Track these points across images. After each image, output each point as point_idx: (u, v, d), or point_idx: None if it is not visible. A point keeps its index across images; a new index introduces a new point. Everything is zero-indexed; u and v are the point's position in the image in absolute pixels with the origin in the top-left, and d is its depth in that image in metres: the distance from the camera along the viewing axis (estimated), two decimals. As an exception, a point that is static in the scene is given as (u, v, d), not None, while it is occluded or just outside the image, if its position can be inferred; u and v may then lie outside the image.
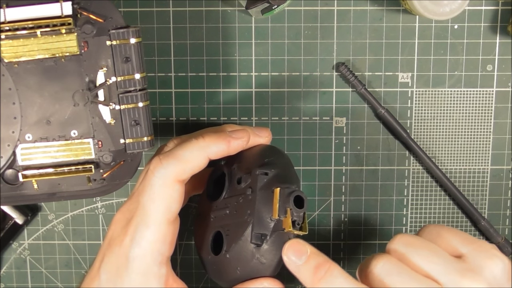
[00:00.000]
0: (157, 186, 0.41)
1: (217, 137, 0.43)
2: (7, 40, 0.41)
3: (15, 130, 0.43)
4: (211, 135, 0.43)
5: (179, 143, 0.45)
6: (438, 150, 0.54)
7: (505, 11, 0.52)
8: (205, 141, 0.42)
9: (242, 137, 0.44)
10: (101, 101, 0.43)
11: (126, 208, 0.43)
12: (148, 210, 0.41)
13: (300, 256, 0.40)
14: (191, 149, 0.42)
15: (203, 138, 0.42)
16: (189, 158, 0.42)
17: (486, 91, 0.53)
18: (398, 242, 0.40)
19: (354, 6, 0.52)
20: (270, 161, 0.44)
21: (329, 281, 0.39)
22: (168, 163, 0.41)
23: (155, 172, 0.41)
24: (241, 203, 0.43)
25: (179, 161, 0.41)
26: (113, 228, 0.43)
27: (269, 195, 0.42)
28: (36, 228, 0.55)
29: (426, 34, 0.52)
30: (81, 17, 0.42)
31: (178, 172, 0.41)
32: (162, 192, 0.41)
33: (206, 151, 0.42)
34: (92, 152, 0.44)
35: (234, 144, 0.43)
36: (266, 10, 0.47)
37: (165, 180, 0.41)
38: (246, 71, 0.53)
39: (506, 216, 0.55)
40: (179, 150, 0.42)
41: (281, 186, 0.41)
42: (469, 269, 0.38)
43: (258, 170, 0.43)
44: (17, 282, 0.56)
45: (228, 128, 0.46)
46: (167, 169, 0.41)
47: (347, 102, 0.53)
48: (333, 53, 0.52)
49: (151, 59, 0.52)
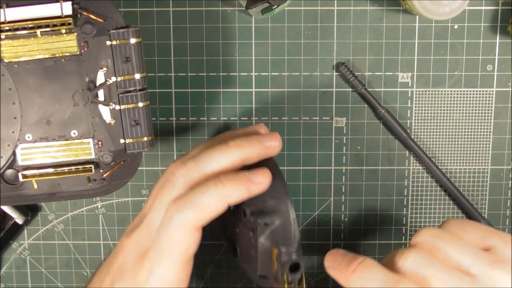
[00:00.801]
0: (175, 233, 0.41)
1: (238, 183, 0.41)
2: (7, 40, 0.41)
3: (15, 130, 0.43)
4: (231, 180, 0.41)
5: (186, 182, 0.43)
6: (438, 150, 0.54)
7: (505, 11, 0.52)
8: (225, 189, 0.41)
9: (264, 182, 0.42)
10: (101, 101, 0.43)
11: (137, 238, 0.42)
12: (166, 253, 0.41)
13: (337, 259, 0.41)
14: (210, 197, 0.40)
15: (223, 184, 0.41)
16: (208, 206, 0.41)
17: (486, 91, 0.53)
18: (425, 235, 0.40)
19: (354, 6, 0.52)
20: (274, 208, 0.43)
21: (362, 271, 0.39)
22: (185, 212, 0.40)
23: (173, 220, 0.41)
24: (246, 238, 0.44)
25: (198, 210, 0.40)
26: (125, 256, 0.43)
27: (268, 248, 0.43)
28: (36, 228, 0.55)
29: (426, 34, 0.52)
30: (81, 17, 0.42)
31: (196, 221, 0.41)
32: (181, 239, 0.41)
33: (225, 199, 0.41)
34: (92, 152, 0.44)
35: (255, 190, 0.42)
36: (266, 10, 0.47)
37: (183, 228, 0.41)
38: (246, 71, 0.53)
39: (506, 216, 0.55)
40: (197, 198, 0.41)
41: (278, 247, 0.42)
42: (499, 261, 0.38)
43: (259, 219, 0.43)
44: (17, 282, 0.56)
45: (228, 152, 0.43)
46: (185, 218, 0.40)
47: (347, 102, 0.53)
48: (333, 53, 0.52)
49: (151, 59, 0.52)
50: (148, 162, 0.54)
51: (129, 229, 0.44)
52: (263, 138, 0.44)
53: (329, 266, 0.42)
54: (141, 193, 0.55)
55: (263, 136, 0.44)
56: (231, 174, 0.42)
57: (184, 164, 0.43)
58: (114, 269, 0.43)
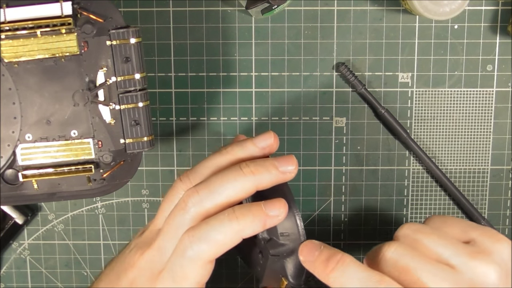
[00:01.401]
0: (189, 266, 0.40)
1: (253, 217, 0.40)
2: (7, 40, 0.41)
3: (15, 130, 0.43)
4: (246, 214, 0.40)
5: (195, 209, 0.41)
6: (438, 150, 0.54)
7: (505, 11, 0.52)
8: (239, 224, 0.39)
9: (280, 215, 0.40)
10: (101, 101, 0.43)
11: (150, 258, 0.42)
12: (180, 282, 0.40)
13: (313, 253, 0.40)
14: (225, 232, 0.39)
15: (237, 219, 0.39)
16: (222, 241, 0.40)
17: (486, 91, 0.53)
18: (407, 229, 0.40)
19: (354, 6, 0.52)
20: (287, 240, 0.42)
21: (340, 270, 0.39)
22: (199, 247, 0.40)
23: (187, 252, 0.40)
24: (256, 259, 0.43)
25: (212, 245, 0.40)
26: (136, 273, 0.42)
27: (277, 275, 0.42)
28: (36, 228, 0.55)
29: (426, 34, 0.52)
30: (81, 17, 0.42)
31: (211, 255, 0.40)
32: (194, 272, 0.40)
33: (240, 234, 0.40)
34: (92, 152, 0.44)
35: (270, 223, 0.40)
36: (266, 10, 0.47)
37: (197, 263, 0.40)
38: (246, 71, 0.53)
39: (506, 216, 0.55)
40: (210, 232, 0.39)
41: (287, 278, 0.41)
42: (479, 252, 0.39)
43: (272, 251, 0.41)
44: (17, 282, 0.56)
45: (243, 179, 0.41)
46: (198, 253, 0.40)
47: (347, 102, 0.53)
48: (333, 53, 0.52)
49: (151, 59, 0.52)
50: (148, 162, 0.54)
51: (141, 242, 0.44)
52: (278, 162, 0.42)
53: (305, 261, 0.41)
54: (141, 193, 0.55)
55: (278, 161, 0.42)
56: (246, 208, 0.40)
57: (196, 192, 0.41)
58: (125, 283, 0.43)
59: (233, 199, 0.41)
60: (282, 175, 0.42)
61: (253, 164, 0.41)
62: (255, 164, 0.41)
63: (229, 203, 0.41)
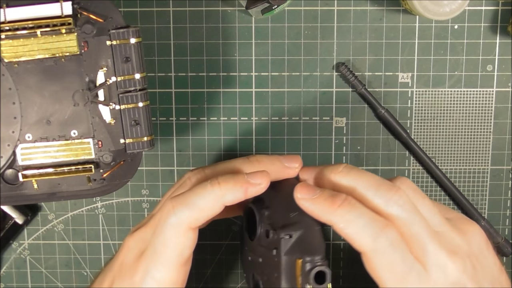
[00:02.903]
0: (170, 233, 0.40)
1: (234, 183, 0.40)
2: (7, 40, 0.41)
3: (15, 130, 0.43)
4: (228, 180, 0.41)
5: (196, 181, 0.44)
6: (438, 150, 0.54)
7: (505, 11, 0.52)
8: (221, 189, 0.40)
9: (260, 183, 0.41)
10: (101, 101, 0.43)
11: (140, 237, 0.42)
12: (160, 254, 0.40)
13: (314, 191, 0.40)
14: (206, 197, 0.40)
15: (219, 185, 0.40)
16: (203, 206, 0.40)
17: (486, 91, 0.53)
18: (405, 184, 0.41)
19: (354, 6, 0.52)
20: (296, 219, 0.42)
21: (348, 207, 0.39)
22: (180, 212, 0.40)
23: (168, 220, 0.40)
24: (270, 260, 0.42)
25: (192, 210, 0.40)
26: (125, 254, 0.43)
27: (291, 262, 0.41)
28: (36, 228, 0.55)
29: (426, 34, 0.52)
30: (81, 17, 0.42)
31: (191, 221, 0.40)
32: (175, 239, 0.40)
33: (221, 199, 0.40)
34: (92, 152, 0.44)
35: (252, 191, 0.41)
36: (266, 10, 0.47)
37: (178, 229, 0.40)
38: (246, 71, 0.53)
39: (506, 216, 0.55)
40: (192, 197, 0.40)
41: (303, 257, 0.40)
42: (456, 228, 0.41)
43: (283, 233, 0.41)
44: (17, 282, 0.56)
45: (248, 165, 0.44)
46: (180, 218, 0.40)
47: (347, 102, 0.53)
48: (333, 53, 0.52)
49: (151, 59, 0.52)
50: (148, 162, 0.54)
51: (135, 227, 0.44)
52: (284, 158, 0.44)
53: (304, 198, 0.40)
54: (141, 193, 0.55)
55: (284, 156, 0.44)
56: (230, 175, 0.41)
57: (202, 170, 0.44)
58: (115, 267, 0.43)
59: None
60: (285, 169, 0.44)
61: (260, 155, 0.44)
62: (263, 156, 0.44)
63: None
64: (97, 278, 0.45)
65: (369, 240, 0.38)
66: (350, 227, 0.38)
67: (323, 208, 0.39)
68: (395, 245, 0.38)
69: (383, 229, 0.38)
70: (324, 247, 0.41)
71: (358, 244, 0.38)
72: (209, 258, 0.55)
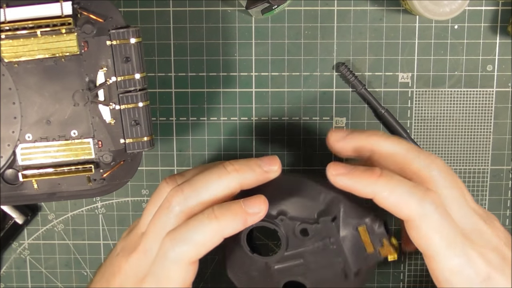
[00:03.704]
0: (171, 269, 0.40)
1: (233, 216, 0.39)
2: (7, 40, 0.41)
3: (15, 130, 0.43)
4: (225, 213, 0.39)
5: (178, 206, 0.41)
6: (438, 150, 0.54)
7: (505, 11, 0.52)
8: (219, 223, 0.39)
9: (259, 211, 0.40)
10: (101, 101, 0.43)
11: (135, 263, 0.42)
12: (164, 285, 0.40)
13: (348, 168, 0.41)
14: (204, 232, 0.39)
15: (217, 219, 0.39)
16: (202, 242, 0.39)
17: (486, 91, 0.53)
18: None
19: (354, 6, 0.52)
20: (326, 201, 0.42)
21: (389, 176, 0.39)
22: (179, 248, 0.39)
23: (168, 256, 0.40)
24: (320, 251, 0.42)
25: (191, 246, 0.39)
26: (123, 279, 0.42)
27: (352, 235, 0.42)
28: (36, 228, 0.55)
29: (426, 34, 0.52)
30: (81, 17, 0.42)
31: (191, 256, 0.40)
32: (177, 273, 0.40)
33: (220, 233, 0.39)
34: (92, 152, 0.44)
35: (251, 221, 0.40)
36: (266, 10, 0.47)
37: (179, 264, 0.40)
38: (246, 71, 0.53)
39: (506, 216, 0.55)
40: (190, 233, 0.39)
41: (361, 222, 0.41)
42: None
43: (327, 219, 0.41)
44: (17, 282, 0.56)
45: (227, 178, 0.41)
46: (179, 255, 0.39)
47: (347, 102, 0.53)
48: (333, 53, 0.52)
49: (151, 59, 0.52)
50: (148, 162, 0.54)
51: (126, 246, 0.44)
52: (262, 162, 0.42)
53: (341, 174, 0.40)
54: (141, 193, 0.55)
55: (262, 160, 0.42)
56: (226, 206, 0.40)
57: (180, 190, 0.41)
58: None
59: (218, 197, 0.41)
60: (266, 174, 0.42)
61: (237, 163, 0.41)
62: (239, 163, 0.41)
63: (213, 201, 0.41)
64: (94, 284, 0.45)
65: (416, 205, 0.39)
66: (394, 194, 0.39)
67: (364, 180, 0.39)
68: (440, 208, 0.39)
69: (427, 193, 0.39)
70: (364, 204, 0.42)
71: (405, 210, 0.39)
72: (209, 258, 0.55)
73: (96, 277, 0.46)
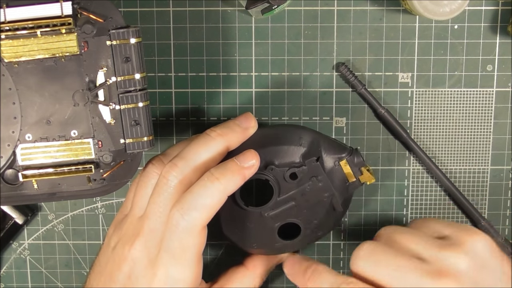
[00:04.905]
0: (186, 238, 0.41)
1: (231, 173, 0.42)
2: (7, 40, 0.41)
3: (15, 130, 0.43)
4: (224, 172, 0.42)
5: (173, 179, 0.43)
6: (438, 150, 0.54)
7: (505, 11, 0.52)
8: (221, 183, 0.42)
9: (253, 163, 0.44)
10: (101, 101, 0.43)
11: (143, 246, 0.43)
12: (179, 258, 0.42)
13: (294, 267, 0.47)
14: (211, 195, 0.41)
15: (218, 180, 0.42)
16: (211, 204, 0.42)
17: (486, 91, 0.53)
18: (385, 230, 0.43)
19: (354, 6, 0.52)
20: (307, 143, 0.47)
21: (315, 276, 0.43)
22: (190, 216, 0.41)
23: (180, 226, 0.41)
24: (309, 191, 0.46)
25: (202, 211, 0.41)
26: (132, 265, 0.43)
27: (336, 170, 0.47)
28: (36, 228, 0.55)
29: (426, 34, 0.52)
30: (81, 17, 0.42)
31: (203, 221, 0.42)
32: (192, 241, 0.42)
33: (225, 192, 0.42)
34: (92, 152, 0.44)
35: (249, 173, 0.43)
36: (266, 10, 0.47)
37: (192, 232, 0.41)
38: (246, 71, 0.53)
39: (506, 216, 0.55)
40: (198, 199, 0.41)
41: (341, 157, 0.47)
42: (450, 244, 0.40)
43: (312, 160, 0.46)
44: (17, 282, 0.56)
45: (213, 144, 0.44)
46: (192, 222, 0.41)
47: (347, 102, 0.53)
48: (333, 53, 0.52)
49: (151, 59, 0.52)
50: (148, 162, 0.54)
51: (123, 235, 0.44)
52: (239, 121, 0.46)
53: (288, 274, 0.47)
54: (141, 193, 0.55)
55: (239, 120, 0.46)
56: (222, 166, 0.43)
57: (174, 165, 0.43)
58: (121, 279, 0.43)
59: (210, 163, 0.44)
60: (246, 131, 0.46)
61: (218, 128, 0.45)
62: (220, 127, 0.45)
63: (207, 168, 0.43)
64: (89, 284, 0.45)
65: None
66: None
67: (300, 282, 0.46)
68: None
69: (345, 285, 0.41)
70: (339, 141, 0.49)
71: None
72: (209, 258, 0.55)
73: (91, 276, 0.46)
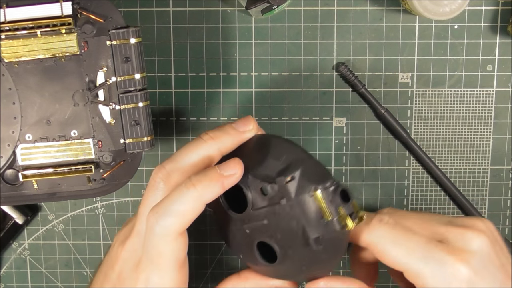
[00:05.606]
0: (160, 244, 0.40)
1: (209, 180, 0.39)
2: (7, 40, 0.41)
3: (15, 130, 0.43)
4: (201, 179, 0.39)
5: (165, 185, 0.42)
6: (438, 150, 0.54)
7: (505, 11, 0.52)
8: (197, 190, 0.39)
9: (235, 172, 0.40)
10: (101, 101, 0.43)
11: (130, 247, 0.43)
12: (157, 262, 0.40)
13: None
14: (184, 201, 0.39)
15: (194, 186, 0.39)
16: (184, 211, 0.39)
17: (486, 91, 0.53)
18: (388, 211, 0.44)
19: (354, 6, 0.52)
20: (287, 161, 0.40)
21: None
22: (164, 221, 0.39)
23: (154, 231, 0.40)
24: (280, 213, 0.40)
25: (175, 217, 0.39)
26: (122, 265, 0.43)
27: (309, 200, 0.39)
28: (36, 228, 0.55)
29: (426, 34, 0.52)
30: (81, 17, 0.42)
31: (177, 227, 0.40)
32: (167, 247, 0.40)
33: (200, 200, 0.39)
34: (92, 152, 0.44)
35: (228, 183, 0.40)
36: (266, 10, 0.47)
37: (166, 238, 0.40)
38: (246, 71, 0.53)
39: (506, 216, 0.55)
40: (171, 205, 0.39)
41: (317, 187, 0.39)
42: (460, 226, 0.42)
43: (283, 179, 0.39)
44: (17, 282, 0.56)
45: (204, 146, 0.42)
46: (165, 228, 0.39)
47: (347, 102, 0.53)
48: (333, 53, 0.52)
49: (151, 59, 0.52)
50: (148, 162, 0.54)
51: (121, 236, 0.44)
52: (236, 125, 0.43)
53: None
54: (141, 193, 0.55)
55: (237, 123, 0.43)
56: (202, 173, 0.40)
57: (162, 167, 0.42)
58: (113, 278, 0.43)
59: (199, 167, 0.41)
60: (242, 134, 0.43)
61: (212, 131, 0.42)
62: (214, 131, 0.42)
63: (196, 170, 0.41)
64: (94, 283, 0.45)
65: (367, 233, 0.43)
66: None
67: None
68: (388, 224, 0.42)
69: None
70: (328, 171, 0.40)
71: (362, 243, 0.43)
72: (209, 258, 0.55)
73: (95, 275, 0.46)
